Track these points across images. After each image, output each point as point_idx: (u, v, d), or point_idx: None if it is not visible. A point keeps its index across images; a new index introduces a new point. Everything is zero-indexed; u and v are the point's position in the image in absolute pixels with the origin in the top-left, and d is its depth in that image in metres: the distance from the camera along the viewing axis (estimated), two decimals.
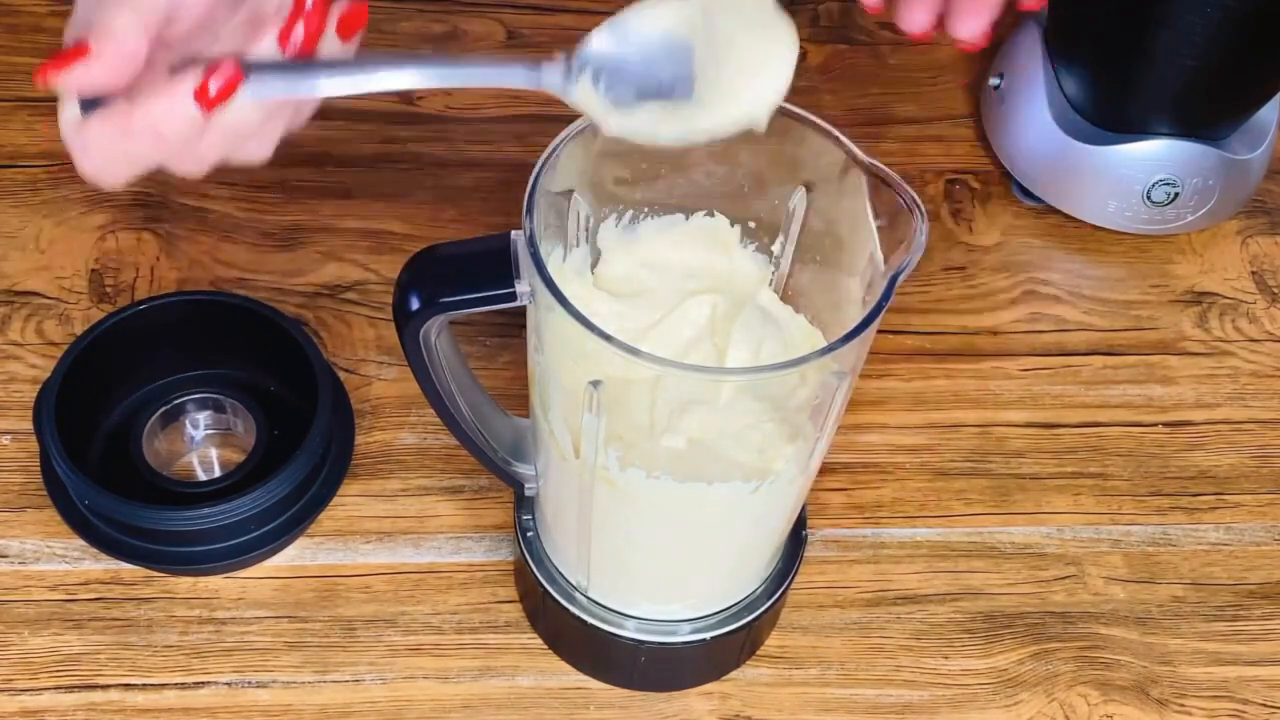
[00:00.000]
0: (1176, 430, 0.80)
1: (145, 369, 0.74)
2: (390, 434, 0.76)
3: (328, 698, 0.67)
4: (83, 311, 0.79)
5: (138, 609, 0.69)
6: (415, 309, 0.56)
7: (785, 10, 0.54)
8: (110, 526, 0.69)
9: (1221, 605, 0.73)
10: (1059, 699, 0.70)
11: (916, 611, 0.72)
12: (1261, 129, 0.86)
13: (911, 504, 0.76)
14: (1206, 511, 0.77)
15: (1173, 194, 0.84)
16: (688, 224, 0.62)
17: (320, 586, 0.71)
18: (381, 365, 0.78)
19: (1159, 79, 0.81)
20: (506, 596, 0.71)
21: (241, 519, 0.68)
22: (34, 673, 0.67)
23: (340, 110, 0.90)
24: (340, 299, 0.81)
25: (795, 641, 0.71)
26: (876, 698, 0.69)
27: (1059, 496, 0.77)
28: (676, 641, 0.65)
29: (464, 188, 0.87)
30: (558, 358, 0.55)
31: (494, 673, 0.69)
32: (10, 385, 0.76)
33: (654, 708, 0.68)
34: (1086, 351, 0.83)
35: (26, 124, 0.87)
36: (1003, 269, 0.86)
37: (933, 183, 0.90)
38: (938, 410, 0.80)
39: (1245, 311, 0.85)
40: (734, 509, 0.58)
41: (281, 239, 0.83)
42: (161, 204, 0.84)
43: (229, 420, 0.75)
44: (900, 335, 0.83)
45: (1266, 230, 0.89)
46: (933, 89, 0.95)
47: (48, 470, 0.70)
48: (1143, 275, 0.87)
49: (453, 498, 0.74)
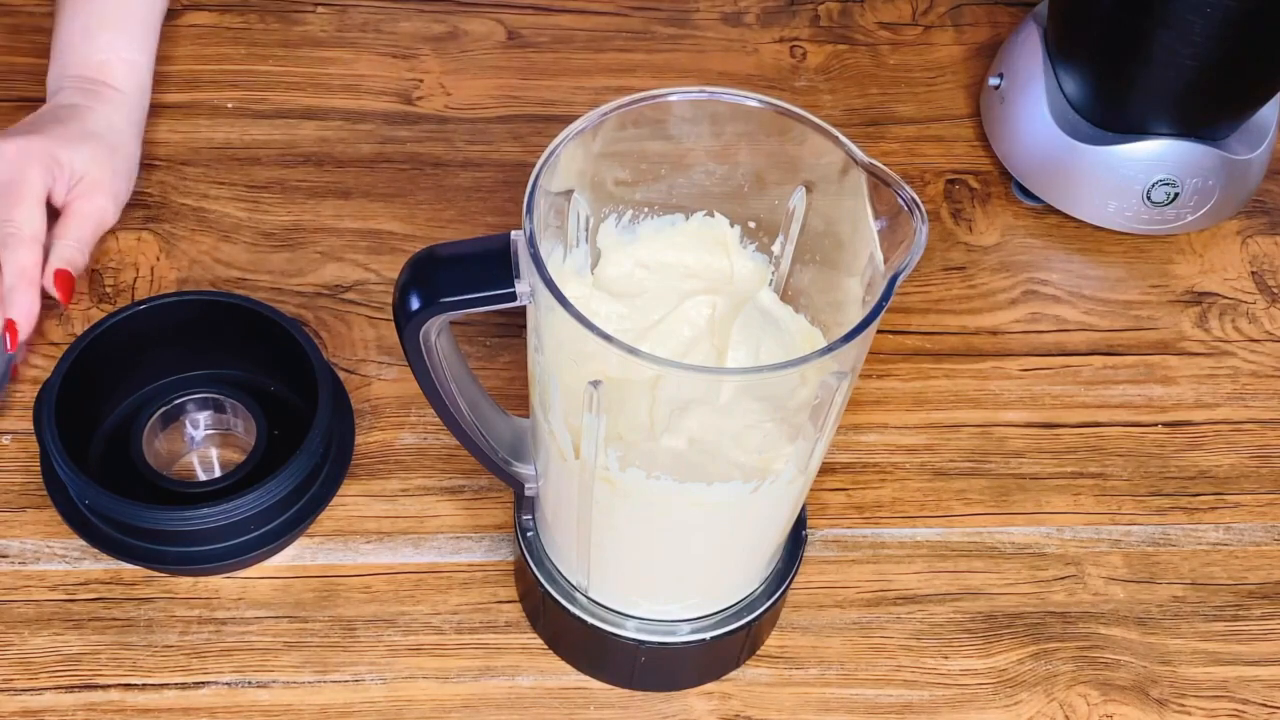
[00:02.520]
0: (1176, 430, 0.80)
1: (145, 369, 0.74)
2: (390, 434, 0.76)
3: (328, 698, 0.67)
4: (83, 311, 0.79)
5: (138, 609, 0.69)
6: (415, 309, 0.55)
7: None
8: (110, 526, 0.69)
9: (1221, 605, 0.73)
10: (1059, 699, 0.70)
11: (916, 611, 0.72)
12: (1261, 129, 0.86)
13: (911, 504, 0.76)
14: (1206, 511, 0.77)
15: (1172, 194, 0.84)
16: (688, 224, 0.62)
17: (320, 586, 0.71)
18: (381, 365, 0.78)
19: (1159, 79, 0.81)
20: (506, 596, 0.71)
21: (241, 519, 0.68)
22: (34, 673, 0.67)
23: (340, 110, 0.90)
24: (340, 299, 0.81)
25: (795, 641, 0.71)
26: (876, 698, 0.69)
27: (1059, 496, 0.77)
28: (676, 641, 0.65)
29: (464, 188, 0.87)
30: (558, 358, 0.55)
31: (494, 673, 0.69)
32: (10, 385, 0.76)
33: (654, 708, 0.68)
34: (1086, 351, 0.83)
35: None
36: (1003, 269, 0.86)
37: (933, 183, 0.90)
38: (938, 410, 0.80)
39: (1245, 311, 0.85)
40: (734, 509, 0.58)
41: (281, 239, 0.84)
42: (161, 204, 0.84)
43: (229, 420, 0.75)
44: (900, 335, 0.83)
45: (1266, 230, 0.89)
46: (933, 89, 0.95)
47: (48, 470, 0.70)
48: (1143, 275, 0.87)
49: (453, 498, 0.74)
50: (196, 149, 0.87)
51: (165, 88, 0.90)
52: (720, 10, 0.97)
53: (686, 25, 0.97)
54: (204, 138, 0.88)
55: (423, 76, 0.92)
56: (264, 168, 0.87)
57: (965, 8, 1.00)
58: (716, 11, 0.97)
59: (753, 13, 0.97)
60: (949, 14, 0.99)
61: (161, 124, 0.88)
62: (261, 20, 0.94)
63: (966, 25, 0.99)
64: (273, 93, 0.90)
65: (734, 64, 0.94)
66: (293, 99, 0.90)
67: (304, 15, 0.95)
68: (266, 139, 0.88)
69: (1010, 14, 1.00)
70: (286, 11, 0.95)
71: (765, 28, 0.97)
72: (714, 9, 0.98)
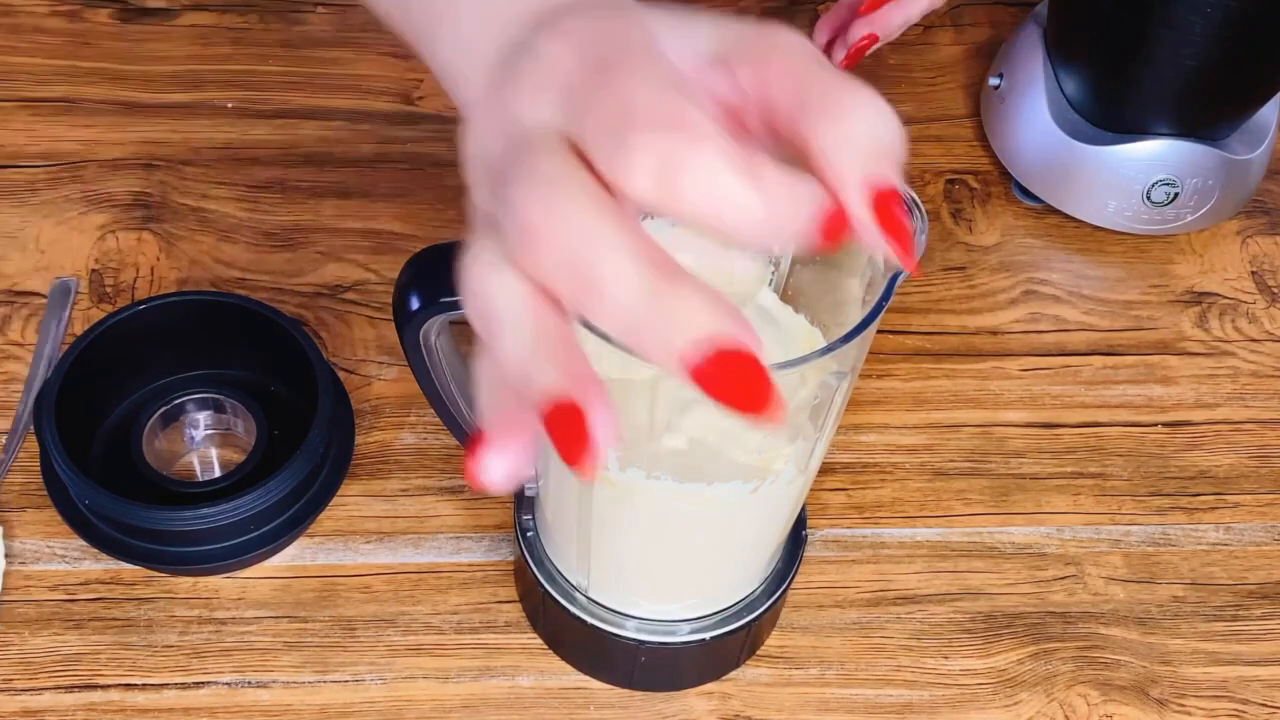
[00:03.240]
0: (1176, 430, 0.80)
1: (145, 369, 0.74)
2: (390, 434, 0.76)
3: (328, 698, 0.67)
4: (82, 312, 0.79)
5: (138, 609, 0.69)
6: (415, 309, 0.55)
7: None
8: (110, 526, 0.69)
9: (1221, 605, 0.73)
10: (1059, 699, 0.70)
11: (916, 611, 0.72)
12: (1261, 129, 0.86)
13: (911, 504, 0.76)
14: (1206, 511, 0.77)
15: (1172, 194, 0.84)
16: None
17: (320, 586, 0.71)
18: (381, 365, 0.78)
19: (1159, 79, 0.81)
20: (506, 596, 0.71)
21: (241, 519, 0.68)
22: (34, 673, 0.67)
23: (340, 110, 0.90)
24: (340, 299, 0.81)
25: (795, 641, 0.71)
26: (876, 698, 0.69)
27: (1059, 496, 0.77)
28: (676, 641, 0.65)
29: (464, 187, 0.87)
30: None
31: (494, 673, 0.69)
32: (10, 385, 0.76)
33: (654, 708, 0.68)
34: (1086, 351, 0.83)
35: (26, 124, 0.87)
36: (1003, 269, 0.86)
37: (933, 183, 0.90)
38: (938, 410, 0.80)
39: (1245, 311, 0.85)
40: (734, 509, 0.58)
41: (281, 239, 0.84)
42: (161, 204, 0.84)
43: (229, 420, 0.75)
44: (900, 335, 0.83)
45: (1266, 230, 0.89)
46: (933, 89, 0.95)
47: (48, 470, 0.70)
48: (1142, 275, 0.87)
49: (453, 498, 0.74)
50: (196, 149, 0.87)
51: (165, 88, 0.90)
52: (720, 10, 0.97)
53: None
54: (204, 138, 0.88)
55: (423, 76, 0.92)
56: (264, 168, 0.87)
57: (965, 8, 1.00)
58: (717, 11, 0.97)
59: (753, 12, 0.97)
60: (949, 14, 0.99)
61: (161, 124, 0.88)
62: (262, 20, 0.94)
63: (966, 25, 0.99)
64: (273, 93, 0.90)
65: None
66: (293, 99, 0.90)
67: (304, 15, 0.95)
68: (267, 139, 0.88)
69: (1010, 14, 1.00)
70: (287, 11, 0.95)
71: None
72: (714, 9, 0.97)
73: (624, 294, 0.36)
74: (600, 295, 0.36)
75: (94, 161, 0.86)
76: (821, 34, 0.84)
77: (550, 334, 0.37)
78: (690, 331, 0.36)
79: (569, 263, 0.37)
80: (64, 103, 0.89)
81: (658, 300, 0.36)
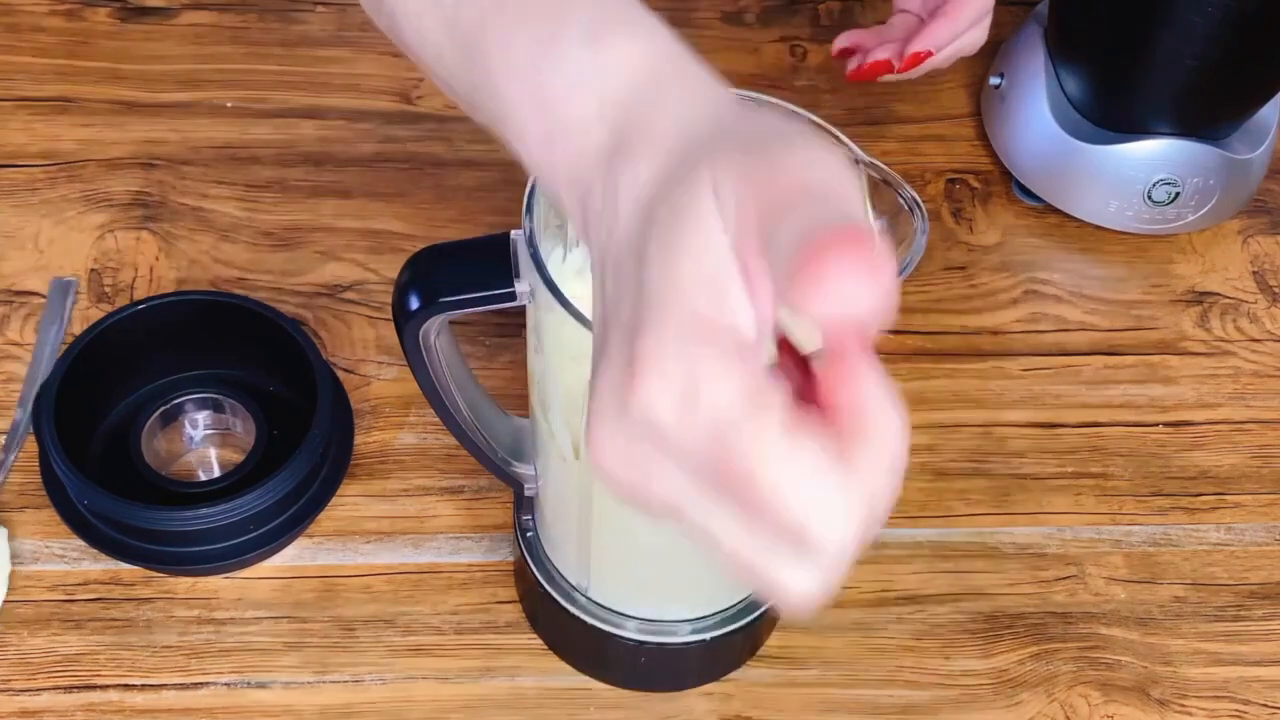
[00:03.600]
0: (1177, 430, 0.80)
1: (145, 369, 0.74)
2: (390, 434, 0.76)
3: (328, 698, 0.67)
4: (81, 311, 0.79)
5: (137, 609, 0.69)
6: (415, 309, 0.55)
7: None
8: (109, 526, 0.69)
9: (1222, 605, 0.73)
10: (1060, 699, 0.69)
11: (917, 612, 0.72)
12: (1262, 128, 0.86)
13: (912, 504, 0.76)
14: (1207, 511, 0.77)
15: (1173, 193, 0.84)
16: None
17: (320, 587, 0.71)
18: (381, 365, 0.78)
19: (1159, 78, 0.81)
20: (506, 597, 0.71)
21: (241, 519, 0.68)
22: (33, 673, 0.67)
23: (340, 110, 0.90)
24: (339, 299, 0.81)
25: (796, 641, 0.71)
26: (878, 698, 0.69)
27: (1060, 496, 0.77)
28: (677, 641, 0.65)
29: (464, 187, 0.87)
30: (557, 358, 0.55)
31: (494, 673, 0.69)
32: (9, 385, 0.76)
33: (654, 708, 0.68)
34: (1087, 351, 0.83)
35: (26, 124, 0.87)
36: (1003, 269, 0.86)
37: (933, 182, 0.90)
38: (938, 410, 0.80)
39: (1246, 311, 0.85)
40: None
41: (281, 239, 0.83)
42: (160, 204, 0.84)
43: (229, 420, 0.75)
44: (900, 335, 0.82)
45: (1267, 230, 0.89)
46: (933, 89, 0.95)
47: (47, 470, 0.70)
48: (1143, 275, 0.87)
49: (453, 498, 0.74)
50: (196, 149, 0.87)
51: (164, 87, 0.90)
52: (720, 9, 0.97)
53: (687, 24, 0.96)
54: (204, 137, 0.88)
55: (423, 76, 0.92)
56: (264, 167, 0.87)
57: None
58: (717, 10, 0.97)
59: (753, 12, 0.97)
60: None
61: (161, 124, 0.88)
62: (261, 20, 0.94)
63: None
64: (272, 92, 0.90)
65: (735, 63, 0.94)
66: (292, 98, 0.90)
67: (304, 15, 0.95)
68: (266, 139, 0.88)
69: (1010, 14, 0.99)
70: (286, 11, 0.95)
71: (766, 27, 0.97)
72: (714, 8, 0.97)
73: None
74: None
75: (93, 161, 0.86)
76: (841, 41, 0.84)
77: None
78: (884, 505, 0.37)
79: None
80: (63, 102, 0.89)
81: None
